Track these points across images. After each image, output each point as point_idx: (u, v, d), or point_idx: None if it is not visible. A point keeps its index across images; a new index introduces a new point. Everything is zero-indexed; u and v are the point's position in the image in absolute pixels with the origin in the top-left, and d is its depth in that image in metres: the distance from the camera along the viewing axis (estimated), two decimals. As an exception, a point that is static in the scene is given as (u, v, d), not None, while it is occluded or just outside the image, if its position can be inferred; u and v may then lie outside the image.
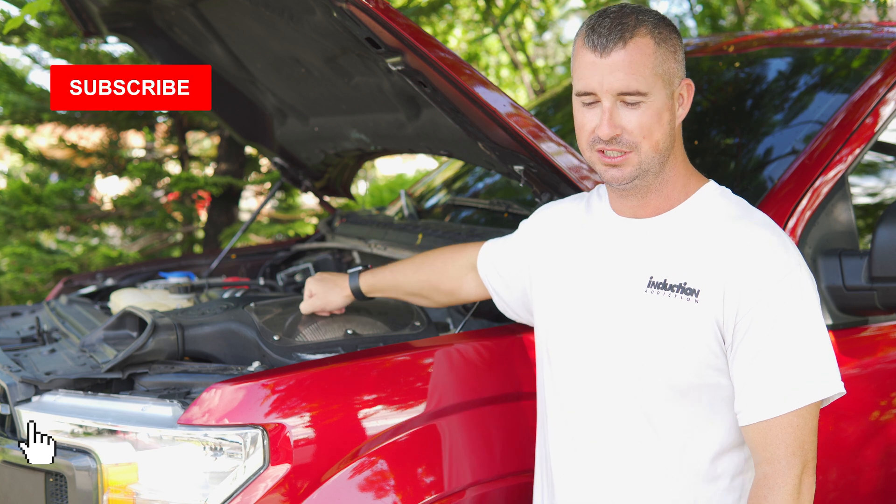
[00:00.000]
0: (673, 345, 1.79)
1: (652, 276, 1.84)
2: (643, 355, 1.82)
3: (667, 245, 1.85)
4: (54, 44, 4.95)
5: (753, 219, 1.84)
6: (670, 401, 1.81)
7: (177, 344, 2.37)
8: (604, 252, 1.93)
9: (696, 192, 1.89)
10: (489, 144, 2.46)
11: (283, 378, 2.06)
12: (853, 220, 2.50)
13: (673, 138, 1.84)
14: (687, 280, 1.79)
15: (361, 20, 2.13)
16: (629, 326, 1.84)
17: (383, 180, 10.35)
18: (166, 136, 5.78)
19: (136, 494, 2.03)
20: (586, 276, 1.94)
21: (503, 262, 2.21)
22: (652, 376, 1.82)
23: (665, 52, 1.79)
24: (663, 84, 1.78)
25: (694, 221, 1.85)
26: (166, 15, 3.12)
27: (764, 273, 1.75)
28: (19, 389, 2.20)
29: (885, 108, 2.58)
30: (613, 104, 1.78)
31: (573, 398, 1.93)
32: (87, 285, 3.38)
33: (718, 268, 1.77)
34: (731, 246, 1.78)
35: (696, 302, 1.78)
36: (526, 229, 2.19)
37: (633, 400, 1.84)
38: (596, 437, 1.90)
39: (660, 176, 1.85)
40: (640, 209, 1.90)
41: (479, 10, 7.06)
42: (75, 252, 5.37)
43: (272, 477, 1.99)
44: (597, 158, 1.84)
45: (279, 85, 3.19)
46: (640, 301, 1.84)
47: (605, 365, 1.88)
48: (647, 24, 1.77)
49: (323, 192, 3.76)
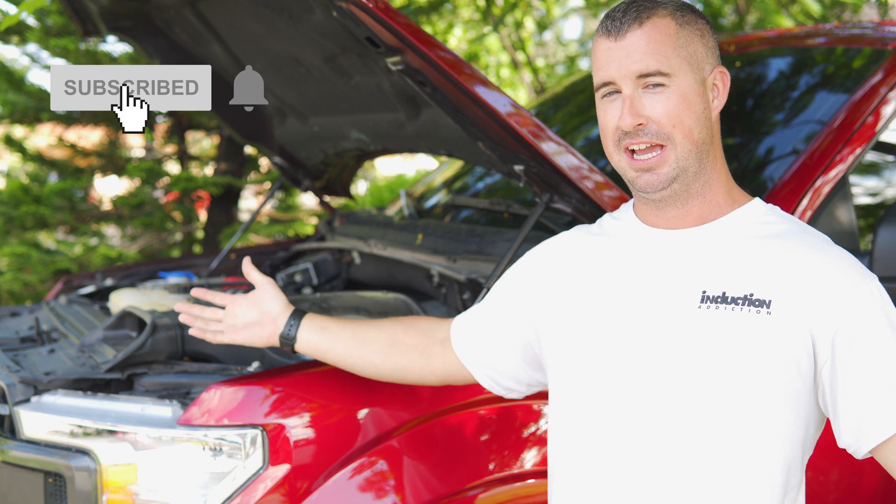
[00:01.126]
0: (743, 362, 1.56)
1: (705, 291, 1.60)
2: (703, 380, 1.57)
3: (718, 255, 1.62)
4: (53, 43, 4.95)
5: (815, 234, 1.65)
6: (730, 427, 1.57)
7: (176, 344, 2.37)
8: (641, 270, 1.68)
9: (744, 205, 1.68)
10: (489, 144, 2.45)
11: (282, 378, 2.06)
12: (854, 219, 2.50)
13: (711, 133, 1.63)
14: (753, 291, 1.57)
15: (361, 19, 2.13)
16: (682, 348, 1.59)
17: (383, 180, 10.35)
18: (166, 136, 5.78)
19: (136, 495, 2.02)
20: (621, 300, 1.68)
21: (489, 327, 1.90)
22: (713, 404, 1.57)
23: (689, 35, 1.61)
24: (690, 68, 1.60)
25: (747, 232, 1.64)
26: (165, 14, 3.12)
27: (855, 285, 1.56)
28: (18, 390, 2.19)
29: (887, 108, 2.58)
30: (634, 91, 1.59)
31: (615, 435, 1.64)
32: (87, 285, 3.37)
33: (791, 278, 1.56)
34: (801, 257, 1.58)
35: (768, 314, 1.55)
36: (516, 276, 1.90)
37: (685, 426, 1.59)
38: (648, 474, 1.61)
39: (700, 176, 1.64)
40: (679, 220, 1.67)
41: (479, 10, 7.06)
42: (74, 252, 5.37)
43: (272, 477, 1.99)
44: (626, 163, 1.63)
45: (279, 85, 3.18)
46: (694, 319, 1.60)
47: (651, 395, 1.61)
48: (668, 7, 1.62)
49: (323, 192, 3.75)
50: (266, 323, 2.02)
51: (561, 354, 1.75)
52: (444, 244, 2.79)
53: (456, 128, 2.51)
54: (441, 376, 1.96)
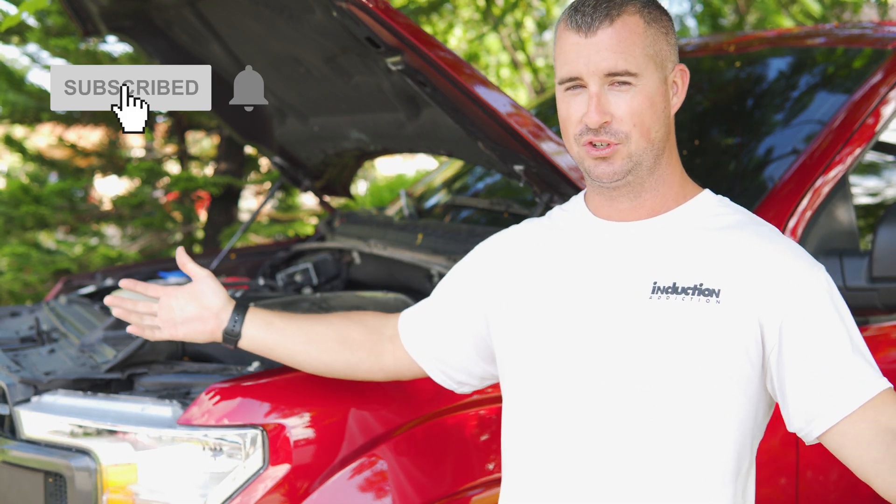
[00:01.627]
0: (694, 351, 1.59)
1: (656, 281, 1.63)
2: (655, 368, 1.61)
3: (668, 247, 1.66)
4: (53, 43, 4.95)
5: (764, 225, 1.69)
6: (682, 416, 1.60)
7: (176, 344, 2.37)
8: (592, 262, 1.71)
9: (694, 197, 1.71)
10: (489, 144, 2.45)
11: (282, 378, 2.06)
12: (854, 220, 2.50)
13: (668, 130, 1.67)
14: (702, 281, 1.61)
15: (361, 19, 2.13)
16: (634, 338, 1.63)
17: (383, 180, 10.35)
18: (166, 136, 5.78)
19: (136, 495, 2.02)
20: (572, 291, 1.70)
21: (439, 320, 1.90)
22: (664, 389, 1.60)
23: (656, 33, 1.63)
24: (655, 67, 1.62)
25: (696, 224, 1.68)
26: (165, 14, 3.12)
27: (802, 273, 1.60)
28: (18, 390, 2.19)
29: (887, 108, 2.58)
30: (601, 88, 1.60)
31: (567, 426, 1.67)
32: (87, 285, 3.37)
33: (739, 268, 1.61)
34: (751, 248, 1.62)
35: (717, 302, 1.59)
36: (465, 269, 1.90)
37: (638, 416, 1.62)
38: (601, 464, 1.64)
39: (655, 172, 1.67)
40: (631, 212, 1.70)
41: (479, 10, 7.06)
42: (75, 252, 5.37)
43: (272, 477, 1.99)
44: (585, 153, 1.65)
45: (279, 85, 3.18)
46: (645, 309, 1.63)
47: (604, 387, 1.64)
48: (636, 3, 1.62)
49: (323, 192, 3.75)
50: (207, 318, 1.96)
51: (512, 345, 1.76)
52: (444, 244, 2.79)
53: (456, 128, 2.51)
54: (391, 372, 1.96)
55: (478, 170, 3.56)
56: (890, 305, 2.37)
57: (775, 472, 2.37)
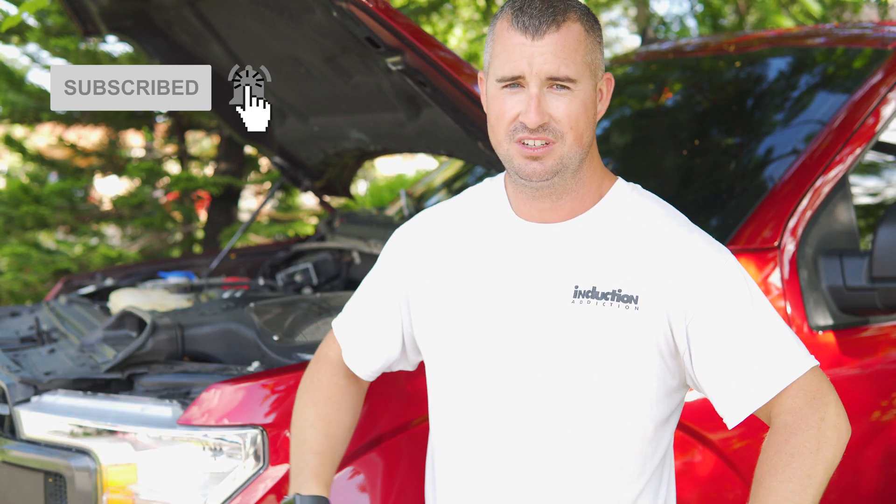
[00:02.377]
0: (613, 356, 1.66)
1: (577, 286, 1.68)
2: (574, 372, 1.66)
3: (588, 250, 1.71)
4: (53, 43, 4.95)
5: (675, 218, 1.74)
6: (604, 416, 1.67)
7: (176, 344, 2.37)
8: (514, 262, 1.74)
9: (608, 192, 1.76)
10: (489, 144, 2.45)
11: (282, 378, 2.06)
12: (854, 219, 2.50)
13: (594, 134, 1.72)
14: (621, 287, 1.67)
15: (361, 19, 2.13)
16: (557, 341, 1.68)
17: (383, 180, 10.34)
18: (166, 136, 5.78)
19: (136, 495, 2.02)
20: (495, 290, 1.74)
21: (370, 323, 1.92)
22: (587, 393, 1.67)
23: (593, 42, 1.68)
24: (590, 74, 1.67)
25: (613, 223, 1.72)
26: (165, 14, 3.12)
27: (706, 270, 1.66)
28: (18, 390, 2.19)
29: (887, 108, 2.58)
30: (541, 90, 1.64)
31: (485, 426, 1.72)
32: (87, 285, 3.37)
33: (653, 271, 1.67)
34: (662, 247, 1.68)
35: (636, 309, 1.65)
36: (384, 269, 1.92)
37: (561, 419, 1.68)
38: (516, 462, 1.71)
39: (577, 175, 1.71)
40: (552, 212, 1.74)
41: (479, 10, 7.06)
42: (74, 252, 5.36)
43: (272, 477, 1.99)
44: (516, 150, 1.67)
45: (279, 84, 3.18)
46: (568, 313, 1.68)
47: (527, 387, 1.69)
48: (576, 11, 1.67)
49: (323, 192, 3.75)
50: None
51: (434, 344, 1.81)
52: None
53: (456, 128, 2.51)
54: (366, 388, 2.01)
55: (478, 170, 3.56)
56: (890, 305, 2.37)
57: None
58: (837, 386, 2.31)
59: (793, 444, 1.61)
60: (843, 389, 2.38)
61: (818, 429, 1.62)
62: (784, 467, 1.59)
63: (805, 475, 1.59)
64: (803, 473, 1.59)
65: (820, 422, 1.62)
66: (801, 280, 2.38)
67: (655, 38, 4.03)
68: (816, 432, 1.62)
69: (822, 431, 1.62)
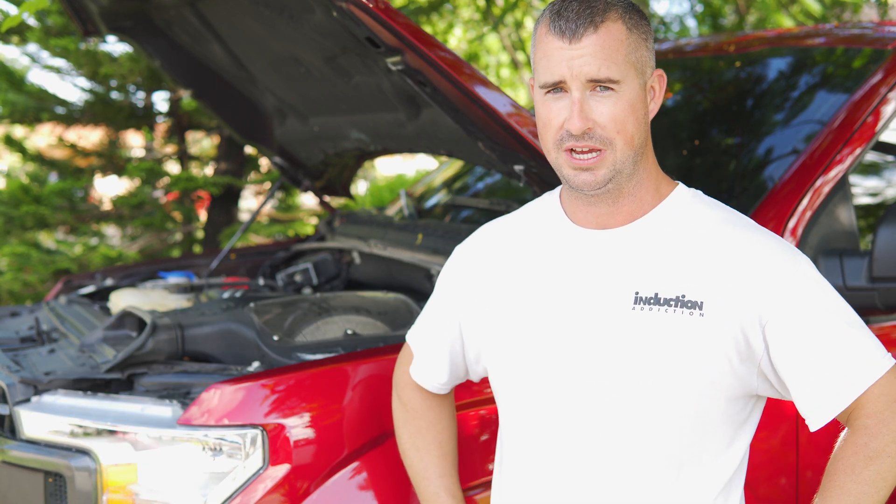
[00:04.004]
0: (677, 365, 1.61)
1: (638, 292, 1.64)
2: (637, 381, 1.62)
3: (649, 255, 1.66)
4: (53, 43, 4.95)
5: (741, 222, 1.70)
6: (668, 423, 1.63)
7: (176, 344, 2.37)
8: (572, 270, 1.70)
9: (669, 196, 1.71)
10: (489, 144, 2.45)
11: (282, 378, 2.06)
12: (854, 220, 2.50)
13: (647, 134, 1.67)
14: (684, 292, 1.62)
15: (361, 19, 2.13)
16: (618, 349, 1.63)
17: (383, 180, 10.34)
18: (166, 136, 5.78)
19: (136, 495, 2.02)
20: (553, 298, 1.70)
21: (434, 341, 1.92)
22: (648, 400, 1.62)
23: (637, 39, 1.63)
24: (636, 73, 1.62)
25: (674, 227, 1.68)
26: (165, 14, 3.12)
27: (779, 272, 1.61)
28: (18, 390, 2.19)
29: (887, 108, 2.58)
30: (583, 94, 1.60)
31: (549, 432, 1.70)
32: (87, 285, 3.37)
33: (720, 276, 1.61)
34: (729, 252, 1.63)
35: (700, 315, 1.60)
36: (446, 287, 1.92)
37: (623, 425, 1.64)
38: (578, 468, 1.68)
39: (633, 177, 1.67)
40: (611, 217, 1.69)
41: (479, 10, 7.06)
42: (74, 252, 5.37)
43: (272, 477, 1.99)
44: (564, 160, 1.64)
45: (279, 84, 3.18)
46: (628, 320, 1.64)
47: (589, 394, 1.65)
48: (618, 9, 1.62)
49: (323, 192, 3.75)
50: None
51: (496, 356, 1.78)
52: (444, 244, 2.79)
53: (456, 128, 2.51)
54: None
55: (478, 170, 3.56)
56: (890, 305, 2.37)
57: (775, 472, 2.37)
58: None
59: (872, 447, 1.59)
60: (843, 389, 2.39)
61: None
62: (861, 469, 1.58)
63: (880, 478, 1.58)
64: (879, 476, 1.58)
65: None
66: (801, 280, 2.37)
67: (655, 38, 4.03)
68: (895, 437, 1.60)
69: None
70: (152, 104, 5.58)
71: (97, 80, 5.27)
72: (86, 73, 5.19)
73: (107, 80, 5.23)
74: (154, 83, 5.25)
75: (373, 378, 2.10)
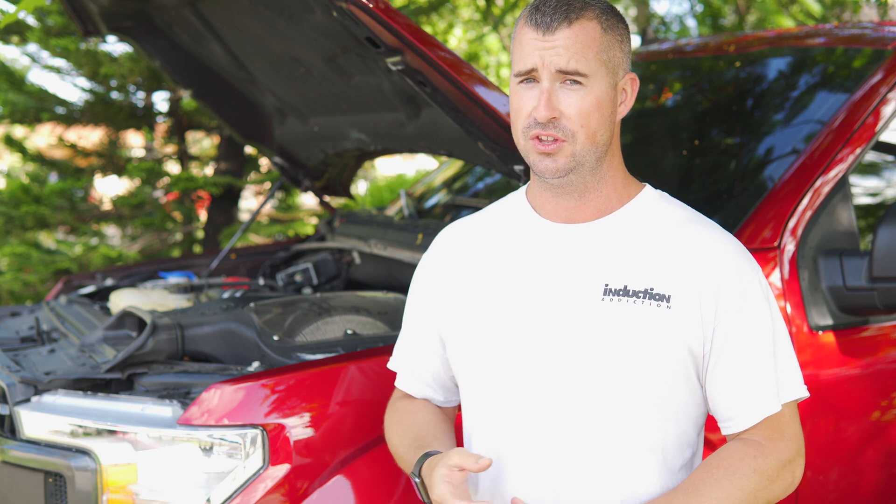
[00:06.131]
0: (646, 353, 1.66)
1: (607, 284, 1.69)
2: (608, 369, 1.67)
3: (618, 249, 1.71)
4: (53, 43, 4.95)
5: (706, 222, 1.75)
6: (635, 413, 1.68)
7: (176, 344, 2.37)
8: (541, 262, 1.74)
9: (636, 196, 1.77)
10: (489, 144, 2.46)
11: (282, 378, 2.06)
12: (854, 220, 2.50)
13: (612, 133, 1.72)
14: (653, 285, 1.67)
15: (361, 20, 2.13)
16: (587, 339, 1.68)
17: (383, 180, 10.34)
18: (166, 136, 5.78)
19: (136, 495, 2.03)
20: (522, 291, 1.74)
21: (415, 350, 1.91)
22: (617, 391, 1.67)
23: (611, 40, 1.69)
24: (606, 72, 1.67)
25: (643, 224, 1.73)
26: (166, 14, 3.12)
27: (738, 278, 1.69)
28: (19, 390, 2.19)
29: (887, 108, 2.58)
30: (553, 84, 1.65)
31: (517, 424, 1.72)
32: (87, 285, 3.37)
33: (686, 272, 1.68)
34: (695, 249, 1.70)
35: (668, 308, 1.66)
36: (418, 292, 1.91)
37: (592, 415, 1.68)
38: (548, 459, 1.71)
39: (597, 172, 1.71)
40: (578, 211, 1.74)
41: (479, 10, 7.06)
42: (75, 252, 5.37)
43: (272, 477, 1.99)
44: (531, 147, 1.68)
45: (279, 84, 3.19)
46: (598, 311, 1.68)
47: (558, 385, 1.69)
48: (595, 9, 1.68)
49: (323, 192, 3.75)
50: None
51: (465, 350, 1.80)
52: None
53: (456, 128, 2.51)
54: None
55: (478, 170, 3.56)
56: (890, 305, 2.37)
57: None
58: (837, 386, 2.32)
59: (760, 463, 1.66)
60: (843, 389, 2.39)
61: (783, 468, 1.68)
62: (742, 477, 1.65)
63: (753, 493, 1.65)
64: (754, 489, 1.65)
65: (788, 463, 1.69)
66: (801, 280, 2.38)
67: (655, 38, 4.03)
68: (780, 469, 1.68)
69: (784, 471, 1.68)
70: (152, 104, 5.58)
71: (97, 80, 5.27)
72: (86, 73, 5.19)
73: (107, 80, 5.23)
74: (154, 83, 5.25)
75: (373, 378, 2.10)
